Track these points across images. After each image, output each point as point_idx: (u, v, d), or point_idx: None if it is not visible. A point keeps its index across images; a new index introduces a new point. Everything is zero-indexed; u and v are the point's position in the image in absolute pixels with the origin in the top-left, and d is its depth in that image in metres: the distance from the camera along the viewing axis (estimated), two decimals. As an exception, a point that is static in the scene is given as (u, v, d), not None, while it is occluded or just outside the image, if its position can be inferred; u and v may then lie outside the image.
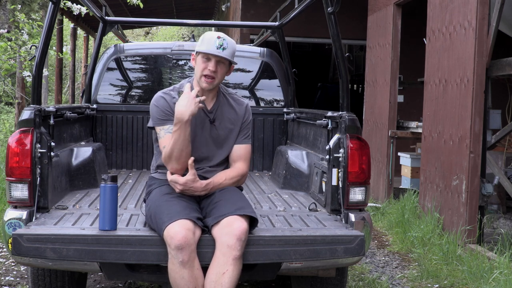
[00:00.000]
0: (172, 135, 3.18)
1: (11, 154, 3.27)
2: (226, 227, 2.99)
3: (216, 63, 3.25)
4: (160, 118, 3.32)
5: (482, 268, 4.84)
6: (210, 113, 3.38)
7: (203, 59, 3.25)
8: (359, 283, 4.81)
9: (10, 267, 4.96)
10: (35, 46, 3.53)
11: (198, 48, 3.26)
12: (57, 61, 15.10)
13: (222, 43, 3.22)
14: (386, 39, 8.35)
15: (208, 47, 3.23)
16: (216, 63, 3.24)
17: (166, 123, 3.30)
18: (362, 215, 3.44)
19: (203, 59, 3.25)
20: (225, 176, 3.35)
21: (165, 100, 3.34)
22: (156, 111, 3.34)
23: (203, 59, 3.25)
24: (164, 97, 3.36)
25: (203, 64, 3.25)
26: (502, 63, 5.65)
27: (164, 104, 3.33)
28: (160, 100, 3.35)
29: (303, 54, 15.72)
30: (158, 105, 3.34)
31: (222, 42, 3.22)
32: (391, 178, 8.12)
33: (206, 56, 3.24)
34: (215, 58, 3.24)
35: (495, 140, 6.18)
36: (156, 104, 3.35)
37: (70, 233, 3.02)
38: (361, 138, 3.52)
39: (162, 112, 3.32)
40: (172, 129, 3.23)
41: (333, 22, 3.57)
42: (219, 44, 3.22)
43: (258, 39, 6.41)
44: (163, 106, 3.33)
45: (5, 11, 8.44)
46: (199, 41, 3.31)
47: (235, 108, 3.44)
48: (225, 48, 3.23)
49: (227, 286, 2.93)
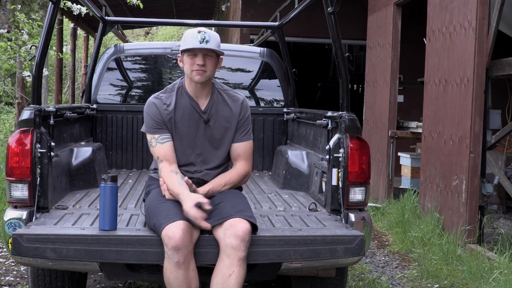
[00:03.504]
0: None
1: (11, 154, 3.27)
2: (229, 228, 2.98)
3: (204, 57, 3.22)
4: (151, 126, 3.32)
5: (482, 268, 4.84)
6: (204, 113, 3.35)
7: (190, 57, 3.23)
8: (359, 283, 4.81)
9: (10, 267, 4.96)
10: (35, 46, 3.53)
11: (182, 47, 3.24)
12: (57, 61, 15.10)
13: (204, 36, 3.19)
14: (386, 39, 8.35)
15: (191, 43, 3.20)
16: (203, 57, 3.22)
17: (157, 132, 3.30)
18: (362, 215, 3.44)
19: (189, 57, 3.23)
20: (224, 181, 3.32)
21: (156, 107, 3.32)
22: (147, 119, 3.34)
23: (189, 56, 3.23)
24: (156, 103, 3.33)
25: (191, 60, 3.23)
26: (502, 63, 5.65)
27: (155, 112, 3.31)
28: (152, 108, 3.33)
29: (303, 54, 15.72)
30: (149, 113, 3.33)
31: (204, 35, 3.19)
32: (391, 178, 8.12)
33: (192, 52, 3.22)
34: (201, 52, 3.21)
35: (495, 140, 6.18)
36: (148, 111, 3.34)
37: (70, 233, 3.02)
38: (361, 138, 3.52)
39: (153, 121, 3.31)
40: (162, 139, 3.26)
41: (333, 22, 3.57)
42: (202, 38, 3.19)
43: (258, 39, 6.41)
44: (154, 115, 3.31)
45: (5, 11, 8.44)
46: (181, 41, 3.28)
47: (230, 106, 3.39)
48: (208, 40, 3.20)
49: (234, 287, 2.93)
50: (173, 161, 3.28)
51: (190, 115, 3.33)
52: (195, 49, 3.20)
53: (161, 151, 3.28)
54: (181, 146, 3.33)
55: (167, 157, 3.28)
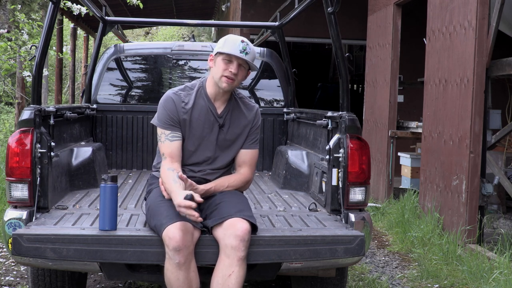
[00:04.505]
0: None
1: (11, 154, 3.27)
2: (229, 228, 2.98)
3: (238, 66, 3.23)
4: (164, 121, 3.30)
5: (482, 268, 4.84)
6: (220, 117, 3.35)
7: (225, 61, 3.22)
8: (359, 283, 4.81)
9: (10, 267, 4.96)
10: (35, 46, 3.53)
11: (220, 49, 3.22)
12: (57, 61, 15.10)
13: (246, 48, 3.21)
14: (386, 39, 8.35)
15: (231, 49, 3.19)
16: (238, 66, 3.22)
17: (169, 128, 3.29)
18: (362, 215, 3.44)
19: (224, 61, 3.22)
20: (227, 183, 3.32)
21: (174, 103, 3.30)
22: (162, 113, 3.31)
23: (224, 60, 3.22)
24: (174, 99, 3.31)
25: (224, 65, 3.22)
26: (502, 63, 5.65)
27: (172, 109, 3.29)
28: (169, 103, 3.30)
29: (303, 54, 15.72)
30: (166, 108, 3.30)
31: (245, 46, 3.21)
32: (391, 178, 8.12)
33: (229, 58, 3.21)
34: (238, 60, 3.22)
35: (495, 140, 6.18)
36: (164, 106, 3.31)
37: (70, 233, 3.02)
38: (361, 138, 3.52)
39: (168, 117, 3.29)
40: (172, 136, 3.25)
41: (333, 22, 3.57)
42: (243, 48, 3.20)
43: (258, 39, 6.41)
44: (170, 111, 3.29)
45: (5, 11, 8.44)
46: (220, 43, 3.26)
47: (245, 113, 3.40)
48: (248, 53, 3.22)
49: (234, 287, 2.93)
50: (176, 160, 3.26)
51: (206, 117, 3.32)
52: (234, 56, 3.20)
53: (168, 149, 3.26)
54: (192, 146, 3.33)
55: (172, 155, 3.26)
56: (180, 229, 2.92)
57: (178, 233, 2.91)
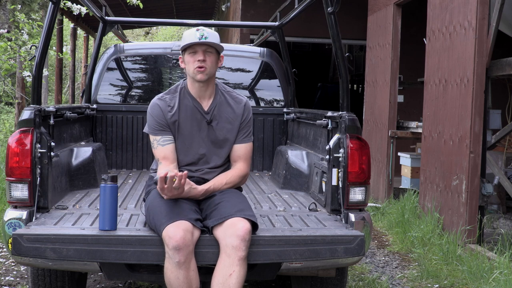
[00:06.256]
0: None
1: (11, 154, 3.27)
2: (229, 228, 2.98)
3: (204, 53, 3.24)
4: (153, 128, 3.33)
5: (482, 268, 4.84)
6: (207, 114, 3.36)
7: (190, 55, 3.26)
8: (359, 283, 4.81)
9: (10, 267, 4.96)
10: (35, 46, 3.53)
11: (182, 46, 3.27)
12: (57, 61, 15.10)
13: (203, 33, 3.22)
14: (386, 39, 8.35)
15: (190, 40, 3.23)
16: (203, 53, 3.24)
17: (159, 133, 3.32)
18: (362, 215, 3.44)
19: (190, 55, 3.26)
20: (225, 180, 3.33)
21: (160, 109, 3.33)
22: (150, 120, 3.35)
23: (190, 54, 3.26)
24: (159, 105, 3.34)
25: (191, 58, 3.26)
26: (502, 63, 5.65)
27: (159, 114, 3.32)
28: (155, 109, 3.34)
29: (303, 54, 15.72)
30: (152, 114, 3.34)
31: (202, 32, 3.23)
32: (391, 178, 8.12)
33: (192, 49, 3.25)
34: (201, 47, 3.24)
35: (495, 140, 6.18)
36: (151, 113, 3.35)
37: (70, 233, 3.02)
38: (361, 138, 3.52)
39: (156, 123, 3.32)
40: (163, 141, 3.27)
41: (333, 22, 3.57)
42: (200, 35, 3.22)
43: (258, 39, 6.42)
44: (157, 117, 3.32)
45: (5, 11, 8.43)
46: (181, 43, 3.31)
47: (233, 107, 3.41)
48: (207, 37, 3.23)
49: (234, 287, 2.93)
50: (171, 162, 3.29)
51: (193, 115, 3.34)
52: (195, 45, 3.22)
53: (161, 153, 3.31)
54: (184, 146, 3.34)
55: (166, 158, 3.30)
56: (180, 228, 2.93)
57: (178, 232, 2.91)
